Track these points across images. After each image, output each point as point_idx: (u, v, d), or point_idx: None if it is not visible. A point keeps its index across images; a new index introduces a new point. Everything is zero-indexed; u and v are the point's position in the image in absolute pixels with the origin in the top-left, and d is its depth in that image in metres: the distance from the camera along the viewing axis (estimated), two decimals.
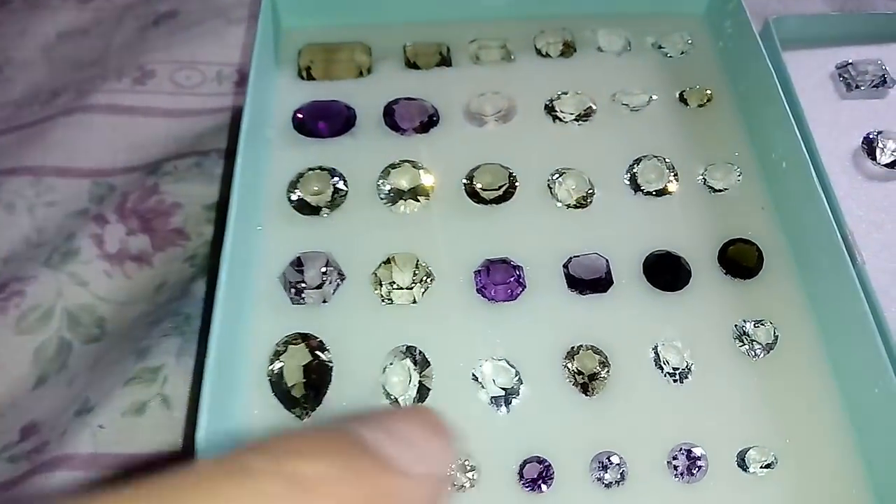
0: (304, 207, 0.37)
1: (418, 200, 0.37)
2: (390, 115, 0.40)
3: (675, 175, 0.38)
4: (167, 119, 0.45)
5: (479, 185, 0.37)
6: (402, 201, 0.37)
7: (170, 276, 0.41)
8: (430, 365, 0.32)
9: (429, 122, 0.40)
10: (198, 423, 0.28)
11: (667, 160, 0.38)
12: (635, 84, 0.41)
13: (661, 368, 0.33)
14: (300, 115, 0.40)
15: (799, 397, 0.32)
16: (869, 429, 0.31)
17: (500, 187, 0.37)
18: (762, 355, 0.33)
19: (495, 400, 0.32)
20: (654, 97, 0.41)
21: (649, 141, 0.39)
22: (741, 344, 0.33)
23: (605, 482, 0.30)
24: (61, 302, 0.39)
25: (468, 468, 0.30)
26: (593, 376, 0.32)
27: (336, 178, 0.38)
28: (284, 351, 0.33)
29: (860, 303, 0.31)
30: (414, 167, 0.38)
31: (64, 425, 0.34)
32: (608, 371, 0.33)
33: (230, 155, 0.35)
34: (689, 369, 0.33)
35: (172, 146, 0.44)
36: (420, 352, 0.33)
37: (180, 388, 0.36)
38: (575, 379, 0.32)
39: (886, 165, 0.40)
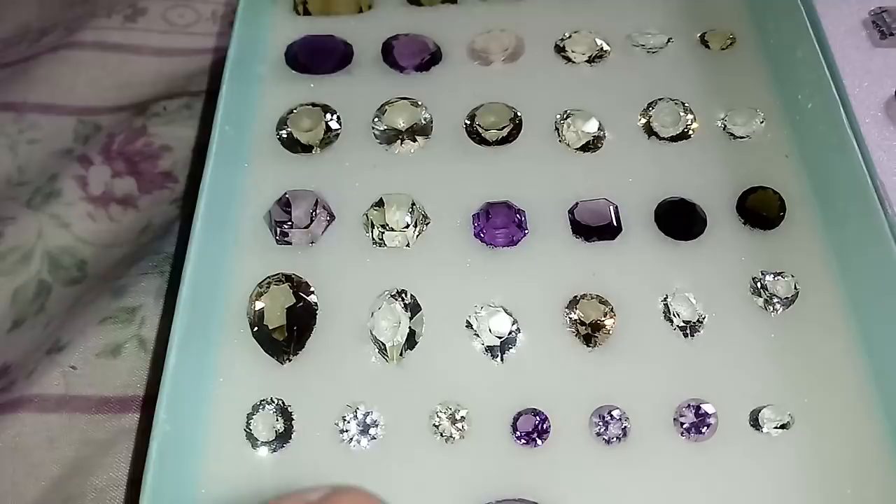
0: (293, 145, 0.35)
1: (416, 140, 0.35)
2: (389, 52, 0.37)
3: (693, 120, 0.35)
4: (158, 58, 0.43)
5: (480, 125, 0.35)
6: (398, 141, 0.35)
7: (155, 219, 0.39)
8: (421, 309, 0.30)
9: (430, 59, 0.37)
10: (165, 366, 0.26)
11: (685, 104, 0.36)
12: (652, 24, 0.39)
13: (671, 321, 0.30)
14: (294, 50, 0.37)
15: (819, 355, 0.30)
16: (893, 390, 0.29)
17: (504, 128, 0.35)
18: (781, 310, 0.31)
19: (490, 349, 0.30)
20: (673, 39, 0.38)
21: (666, 84, 0.37)
22: (758, 297, 0.31)
23: (606, 438, 0.28)
24: (42, 244, 0.37)
25: (458, 418, 0.28)
26: (597, 327, 0.30)
27: (329, 116, 0.35)
28: (266, 292, 0.31)
29: (891, 256, 0.29)
30: (412, 105, 0.35)
31: (33, 365, 0.33)
32: (613, 322, 0.30)
33: (217, 94, 0.33)
34: (702, 322, 0.30)
35: (162, 86, 0.42)
36: (411, 295, 0.31)
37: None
38: (577, 329, 0.30)
39: None
